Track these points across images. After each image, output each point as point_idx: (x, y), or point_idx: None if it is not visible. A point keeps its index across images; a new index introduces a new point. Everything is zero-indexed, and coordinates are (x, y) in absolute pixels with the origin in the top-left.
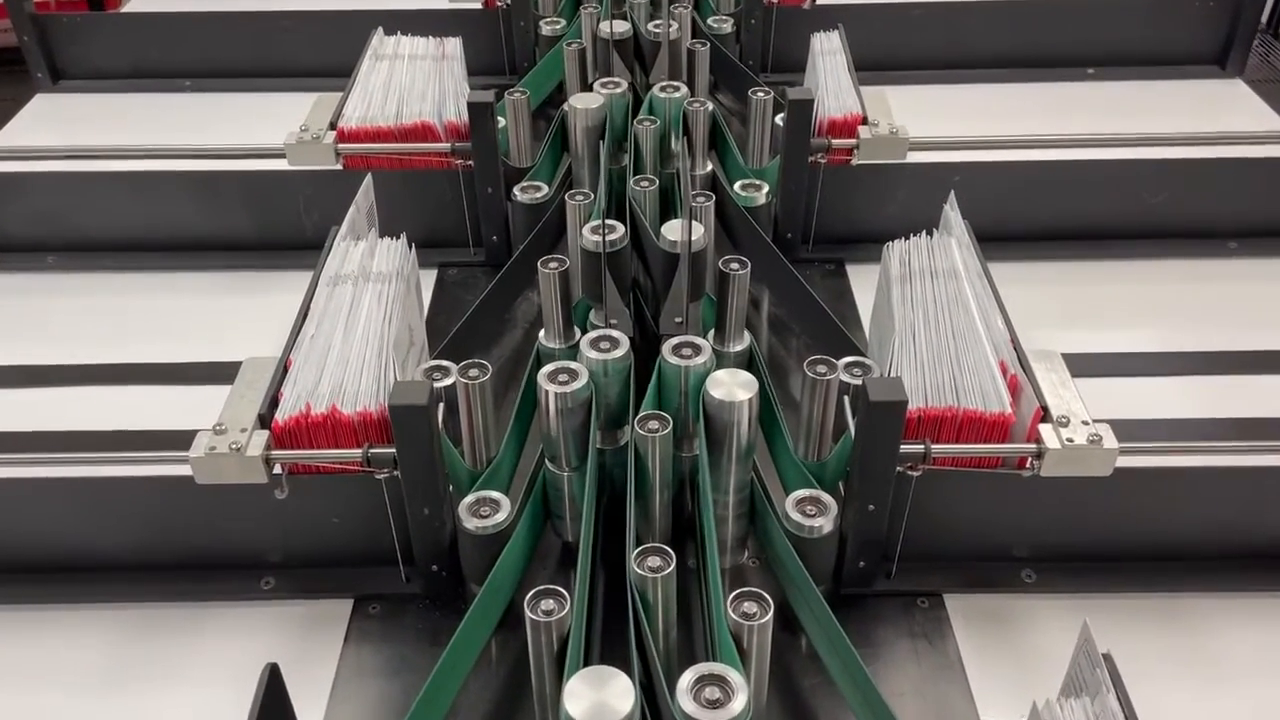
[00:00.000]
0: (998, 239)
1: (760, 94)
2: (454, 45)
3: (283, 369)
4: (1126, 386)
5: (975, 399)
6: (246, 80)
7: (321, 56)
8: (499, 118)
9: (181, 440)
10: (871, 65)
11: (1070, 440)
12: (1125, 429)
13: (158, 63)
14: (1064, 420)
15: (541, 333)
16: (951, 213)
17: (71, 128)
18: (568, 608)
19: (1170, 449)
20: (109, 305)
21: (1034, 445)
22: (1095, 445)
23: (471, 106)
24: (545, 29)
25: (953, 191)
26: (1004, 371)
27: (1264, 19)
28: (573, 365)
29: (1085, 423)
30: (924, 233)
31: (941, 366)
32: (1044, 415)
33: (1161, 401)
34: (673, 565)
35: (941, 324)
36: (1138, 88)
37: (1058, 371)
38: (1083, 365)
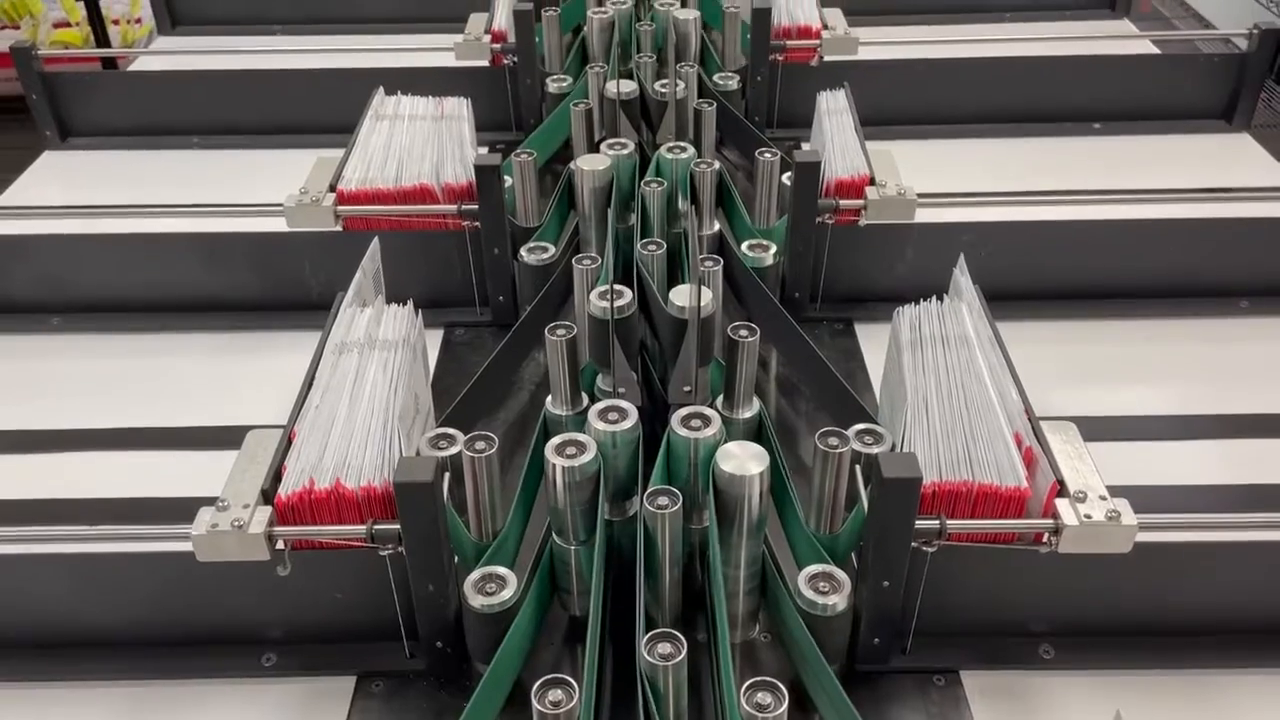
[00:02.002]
0: (1007, 298)
1: (767, 154)
2: (455, 105)
3: (287, 441)
4: (1141, 451)
5: (990, 473)
6: (255, 137)
7: (332, 113)
8: (505, 177)
9: (183, 509)
10: (878, 120)
11: (1088, 516)
12: (1142, 496)
13: (165, 120)
14: (1081, 495)
15: (549, 399)
16: (961, 277)
17: (78, 186)
18: (576, 698)
19: (1191, 524)
20: (113, 367)
21: (1051, 521)
22: (1114, 522)
23: (478, 169)
24: (552, 86)
25: (962, 255)
26: (1019, 444)
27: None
28: (580, 437)
29: (1103, 498)
30: (934, 298)
31: (955, 439)
32: (1060, 489)
33: (1178, 466)
34: (684, 652)
35: (954, 394)
36: (1144, 142)
37: (1073, 444)
38: (1096, 429)
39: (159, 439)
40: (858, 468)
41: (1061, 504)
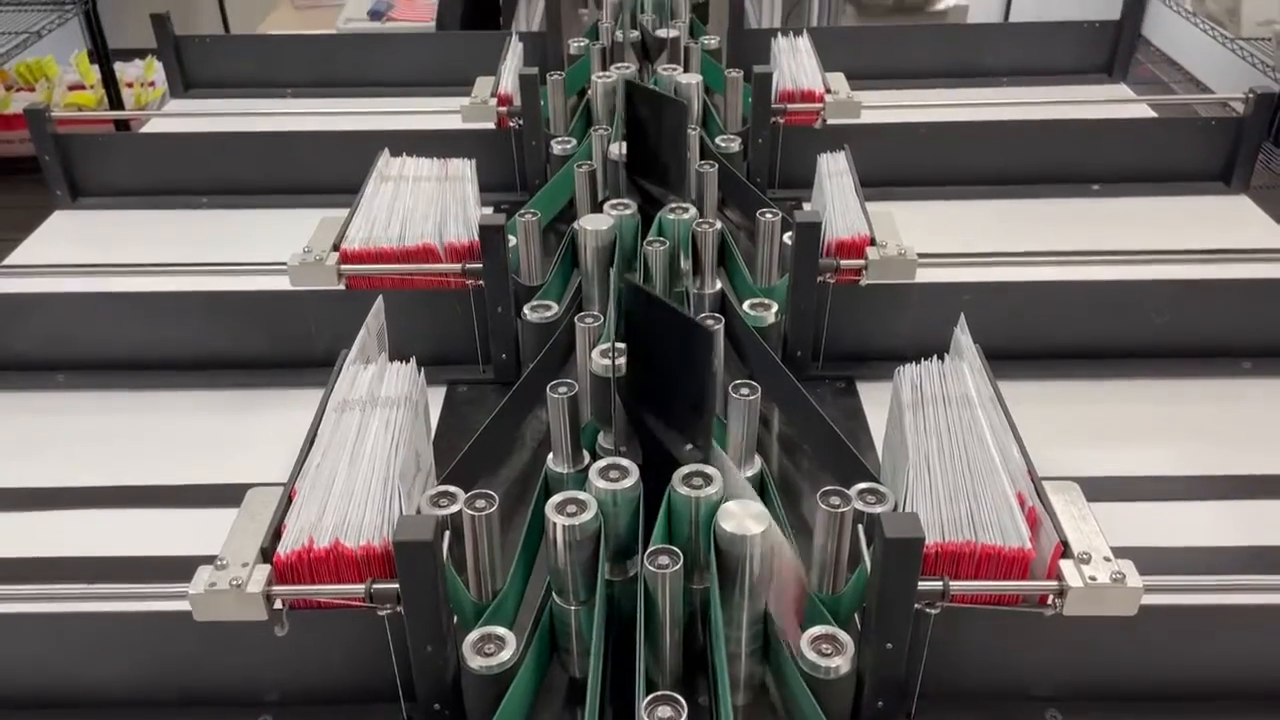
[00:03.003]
0: (1008, 357)
1: (768, 215)
2: (459, 166)
3: (287, 499)
4: (1144, 511)
5: (994, 534)
6: (263, 197)
7: (339, 173)
8: (510, 236)
9: (181, 568)
10: (879, 182)
11: (1093, 578)
12: (1147, 558)
13: (175, 180)
14: (1085, 557)
15: (550, 457)
16: (962, 336)
17: (87, 244)
18: None
19: (1197, 586)
20: (117, 424)
21: (1055, 583)
22: (1119, 584)
23: (483, 229)
24: (556, 148)
25: (963, 314)
26: (1022, 505)
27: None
28: (581, 496)
29: (1107, 559)
30: (935, 357)
31: (958, 499)
32: (1064, 551)
33: (1181, 528)
34: (685, 715)
35: (956, 454)
36: (1143, 204)
37: (1077, 505)
38: (1098, 489)
39: (161, 497)
40: (860, 527)
41: (1066, 565)
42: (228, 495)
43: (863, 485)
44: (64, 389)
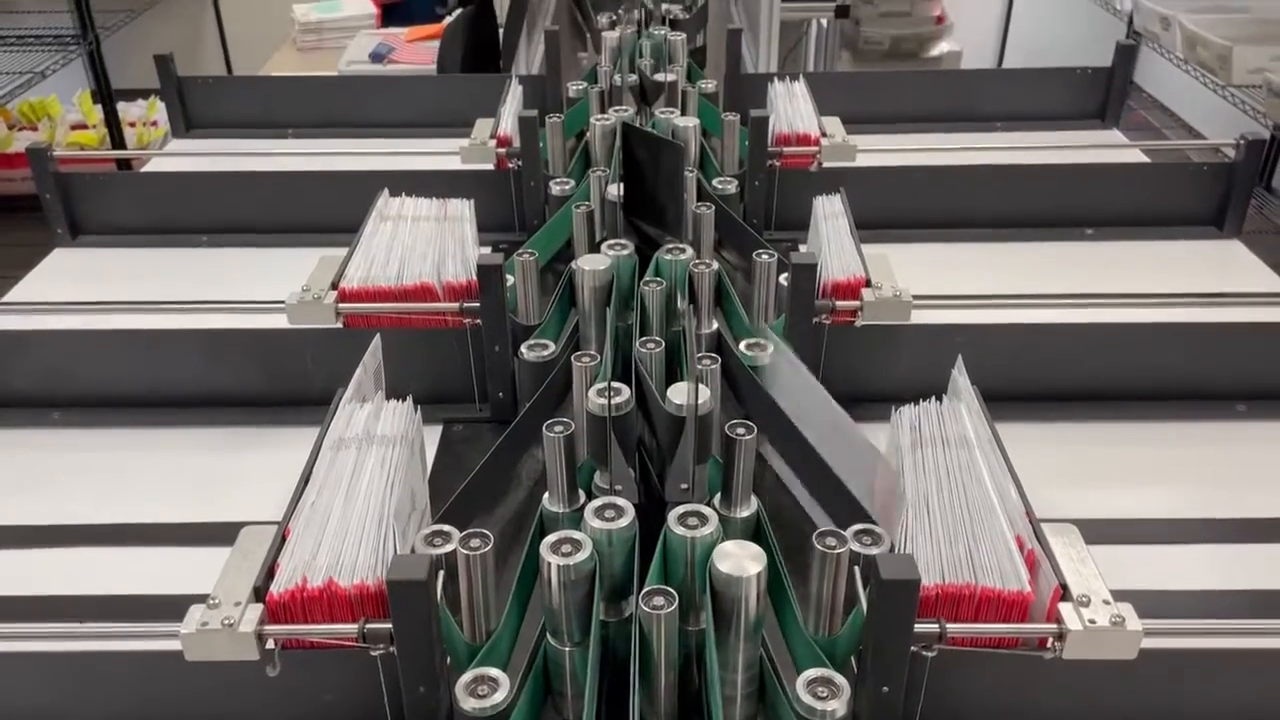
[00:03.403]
0: (1003, 399)
1: (764, 256)
2: (458, 206)
3: (281, 537)
4: (1141, 554)
5: (993, 576)
6: (262, 236)
7: (339, 213)
8: (508, 276)
9: (173, 606)
10: (874, 224)
11: (1092, 621)
12: (1145, 601)
13: (175, 219)
14: (1084, 600)
15: (545, 496)
16: (960, 378)
17: (85, 282)
18: None
19: (1197, 629)
20: (111, 462)
21: (1055, 626)
22: (1118, 627)
23: (481, 268)
24: (555, 189)
25: (960, 356)
26: (1021, 547)
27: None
28: (576, 535)
29: (1106, 602)
30: (934, 398)
31: (958, 542)
32: (1064, 594)
33: (1179, 571)
34: None
35: (956, 496)
36: (1137, 248)
37: (1076, 547)
38: (1095, 531)
39: (154, 535)
40: (856, 569)
41: (1065, 608)
42: (222, 533)
43: (858, 526)
44: (59, 426)
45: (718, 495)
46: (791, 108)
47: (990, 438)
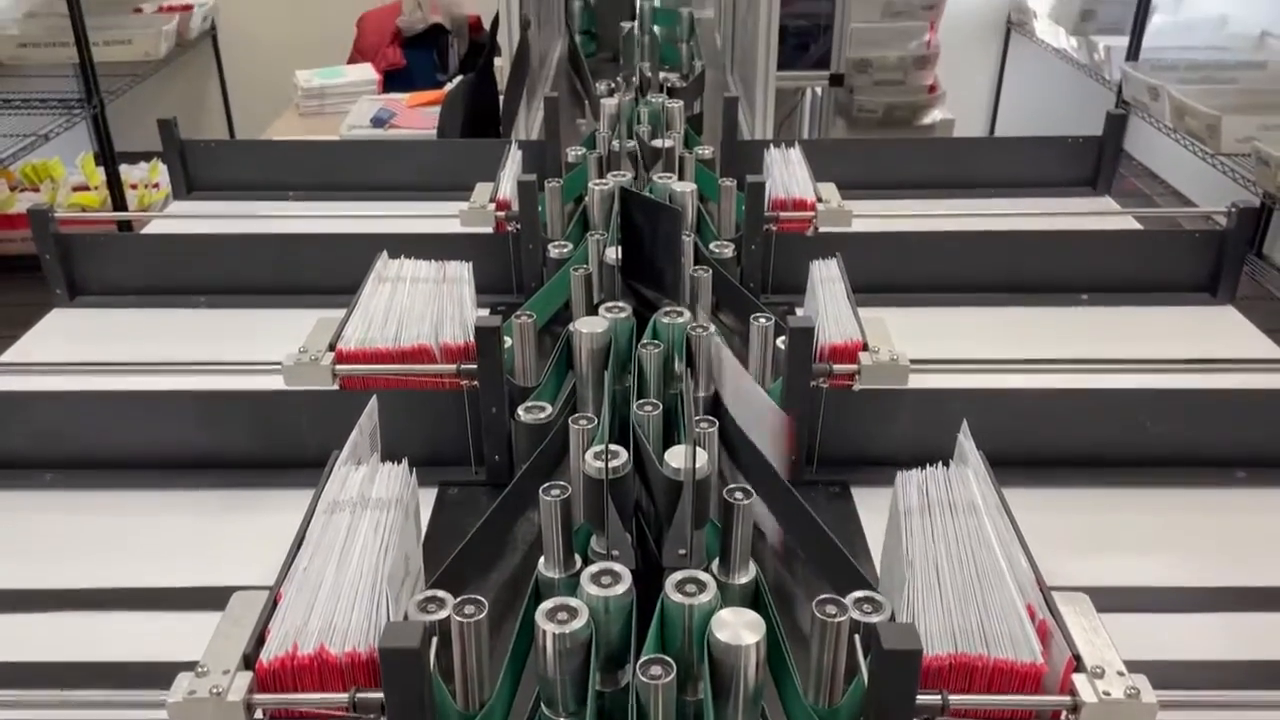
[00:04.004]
0: (1002, 463)
1: (762, 320)
2: (456, 268)
3: (272, 603)
4: (1148, 623)
5: (1005, 647)
6: (261, 297)
7: (338, 275)
8: (505, 338)
9: (162, 674)
10: (870, 288)
11: (1107, 693)
12: (1157, 672)
13: (174, 281)
14: (1098, 671)
15: (541, 560)
16: (966, 443)
17: (83, 343)
18: None
19: (1212, 701)
20: (103, 525)
21: (1069, 699)
22: (1133, 699)
23: (479, 330)
24: (553, 252)
25: (965, 421)
26: (1032, 616)
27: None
28: (572, 602)
29: (1120, 673)
30: (940, 464)
31: (968, 610)
32: (1077, 665)
33: (1186, 640)
34: None
35: (965, 563)
36: (1132, 314)
37: (1088, 616)
38: (1101, 599)
39: (146, 599)
40: (857, 637)
41: (1079, 680)
42: (213, 598)
43: (859, 594)
44: (51, 488)
45: (715, 561)
46: (787, 173)
47: (998, 503)
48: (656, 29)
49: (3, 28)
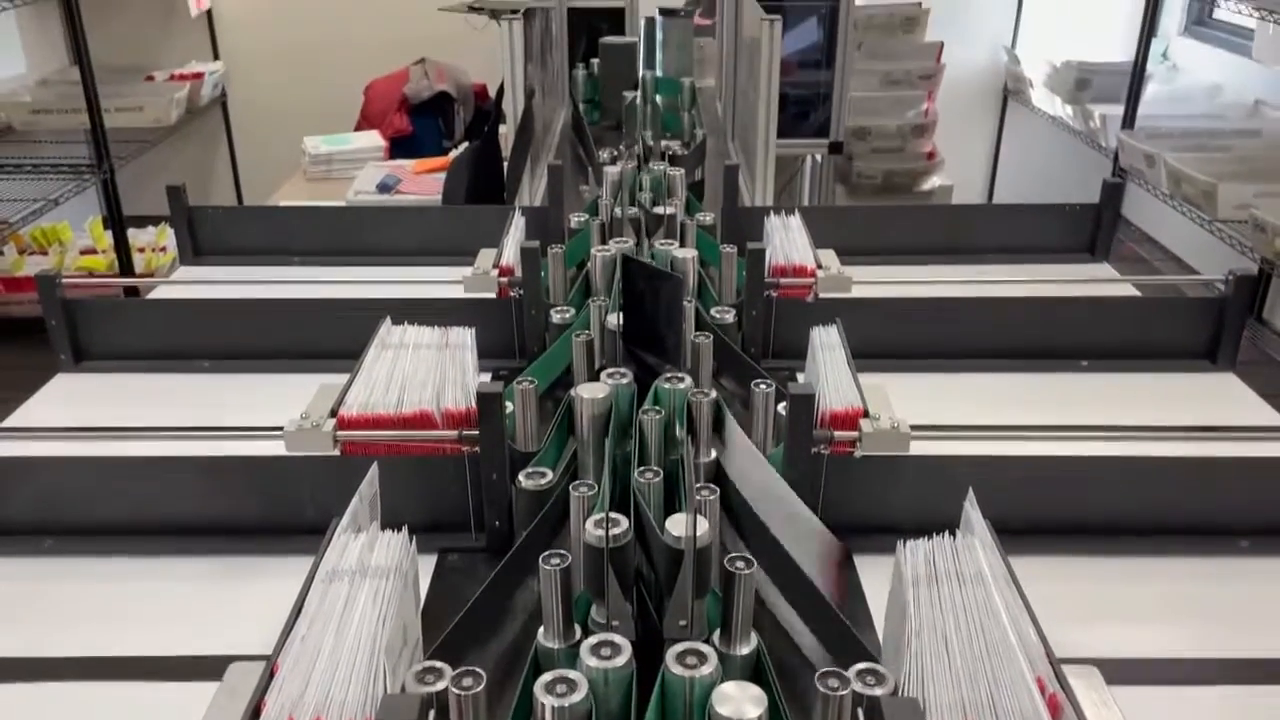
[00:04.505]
0: (1004, 531)
1: (762, 386)
2: (459, 334)
3: (269, 674)
4: (1159, 696)
5: None
6: (265, 362)
7: (342, 340)
8: (507, 403)
9: None
10: (870, 354)
11: None
12: None
13: (178, 345)
14: None
15: (540, 630)
16: (973, 512)
17: (86, 408)
18: None
19: None
20: (100, 593)
21: None
22: None
23: (481, 396)
24: (555, 317)
25: (971, 489)
26: (1042, 689)
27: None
28: (571, 675)
29: None
30: (946, 533)
31: (978, 683)
32: None
33: (1198, 715)
34: None
35: (974, 636)
36: (1132, 380)
37: (1098, 690)
38: (1110, 672)
39: (143, 669)
40: (860, 711)
41: None
42: (211, 668)
43: (861, 666)
44: (50, 554)
45: (717, 631)
46: (788, 240)
47: (1005, 574)
48: (659, 98)
49: (16, 95)
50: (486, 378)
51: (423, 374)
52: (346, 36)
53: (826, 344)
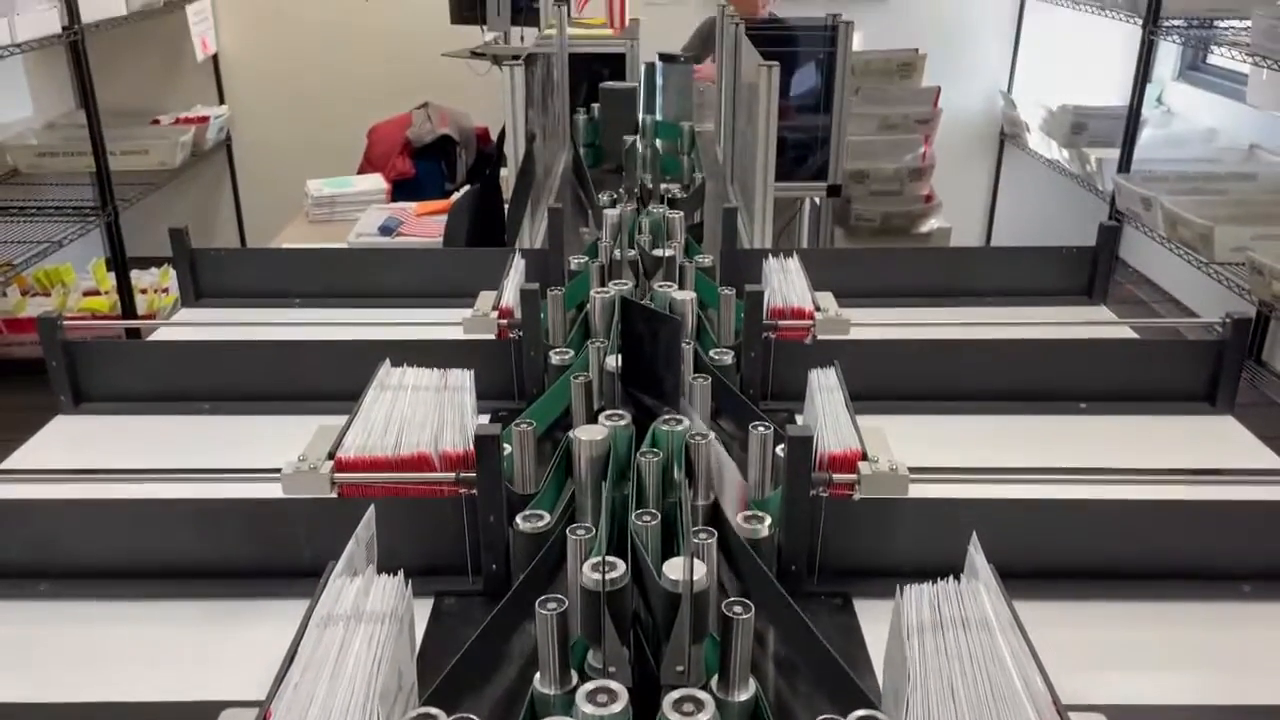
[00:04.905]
0: (1005, 575)
1: (761, 428)
2: (458, 376)
3: None
4: None
5: None
6: (264, 404)
7: (342, 382)
8: (505, 445)
9: None
10: (868, 396)
11: None
12: None
13: (178, 387)
14: None
15: (537, 677)
16: (977, 556)
17: (85, 450)
18: None
19: None
20: (94, 637)
21: None
22: None
23: (478, 438)
24: (554, 359)
25: (975, 534)
26: None
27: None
28: None
29: None
30: (950, 577)
31: None
32: None
33: None
34: None
35: (980, 682)
36: (1131, 423)
37: None
38: (1114, 718)
39: (137, 715)
40: None
41: None
42: (203, 714)
43: (861, 713)
44: (45, 598)
45: (715, 677)
46: (786, 282)
47: (1010, 619)
48: (659, 142)
49: (22, 138)
50: (485, 419)
51: (421, 416)
52: (350, 81)
53: (825, 386)
